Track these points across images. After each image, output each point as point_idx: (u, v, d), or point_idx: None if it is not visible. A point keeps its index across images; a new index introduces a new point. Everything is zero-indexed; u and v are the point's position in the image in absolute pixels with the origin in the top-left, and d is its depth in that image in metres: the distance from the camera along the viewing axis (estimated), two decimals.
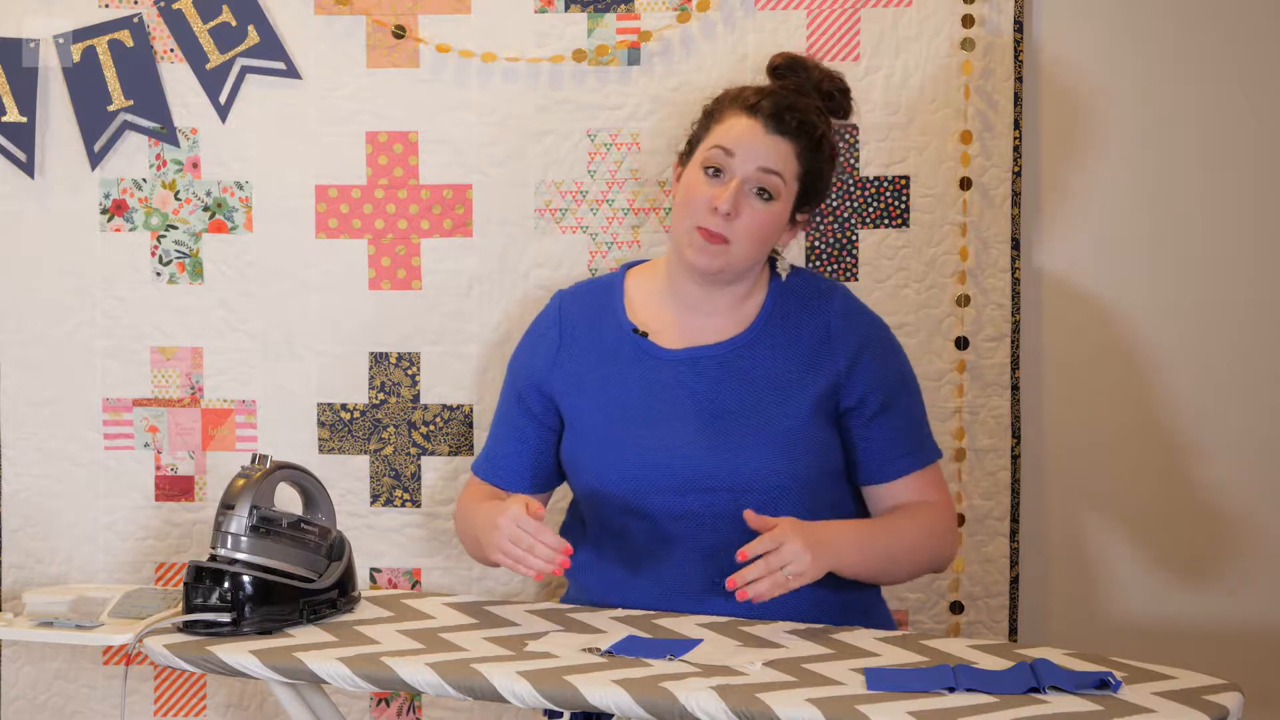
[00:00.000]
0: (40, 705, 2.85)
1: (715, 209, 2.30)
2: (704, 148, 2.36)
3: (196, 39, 2.74)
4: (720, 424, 2.34)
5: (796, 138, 2.33)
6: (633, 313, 2.46)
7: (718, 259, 2.33)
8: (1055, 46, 2.74)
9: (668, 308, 2.44)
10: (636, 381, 2.39)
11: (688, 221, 2.34)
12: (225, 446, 2.82)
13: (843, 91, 2.42)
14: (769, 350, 2.38)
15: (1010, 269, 2.75)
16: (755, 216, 2.32)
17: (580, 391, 2.43)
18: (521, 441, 2.50)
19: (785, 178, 2.33)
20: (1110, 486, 2.80)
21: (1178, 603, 2.80)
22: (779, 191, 2.33)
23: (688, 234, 2.34)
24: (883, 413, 2.37)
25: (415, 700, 2.84)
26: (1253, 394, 2.77)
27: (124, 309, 2.81)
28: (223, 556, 2.25)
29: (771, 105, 2.33)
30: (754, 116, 2.33)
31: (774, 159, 2.32)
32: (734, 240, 2.32)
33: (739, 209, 2.31)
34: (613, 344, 2.44)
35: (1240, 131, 2.74)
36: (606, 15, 2.74)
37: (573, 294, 2.54)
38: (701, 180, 2.34)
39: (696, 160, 2.36)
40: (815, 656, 2.09)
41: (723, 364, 2.38)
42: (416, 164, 2.77)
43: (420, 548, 2.82)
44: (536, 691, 1.98)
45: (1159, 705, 1.87)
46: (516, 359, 2.54)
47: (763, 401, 2.35)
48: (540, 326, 2.53)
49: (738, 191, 2.31)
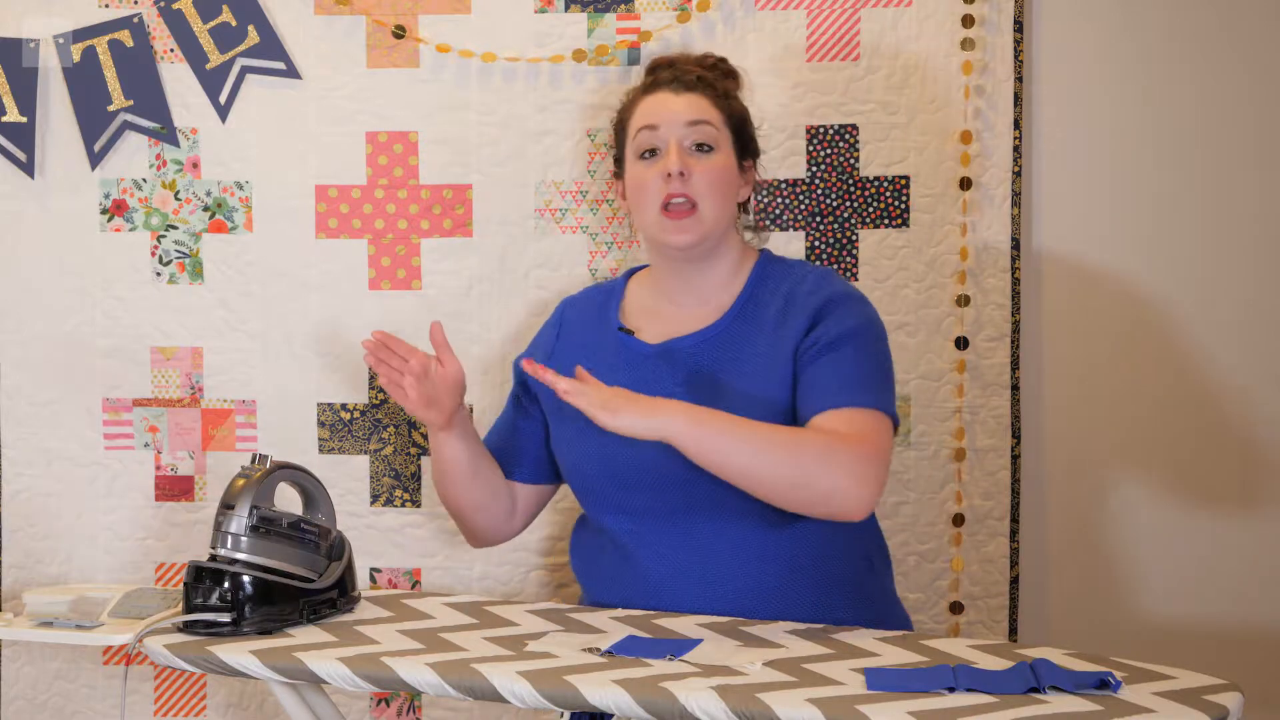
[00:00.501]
0: (40, 705, 2.85)
1: (668, 176, 2.33)
2: (629, 144, 2.40)
3: (196, 39, 2.74)
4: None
5: (704, 90, 2.39)
6: (627, 314, 2.48)
7: (695, 228, 2.34)
8: (1055, 46, 2.74)
9: (656, 306, 2.46)
10: (620, 379, 2.39)
11: (651, 210, 2.36)
12: (225, 446, 2.82)
13: (721, 61, 2.48)
14: (740, 334, 2.37)
15: (1010, 269, 2.75)
16: (707, 168, 2.35)
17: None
18: (516, 432, 2.53)
19: (714, 124, 2.37)
20: (1110, 486, 2.80)
21: (1178, 603, 2.80)
22: (715, 140, 2.36)
23: (656, 221, 2.36)
24: (822, 355, 2.28)
25: (415, 700, 2.84)
26: (1253, 394, 2.77)
27: (124, 309, 2.81)
28: (223, 556, 2.25)
29: (668, 74, 2.41)
30: (658, 90, 2.40)
31: (695, 111, 2.36)
32: (698, 198, 2.33)
33: (688, 166, 2.33)
34: (601, 344, 2.46)
35: (1241, 131, 2.74)
36: (606, 15, 2.74)
37: (575, 300, 2.57)
38: (641, 168, 2.37)
39: (630, 161, 2.40)
40: (815, 656, 2.09)
41: (697, 353, 2.37)
42: (416, 164, 2.77)
43: (420, 548, 2.82)
44: (536, 691, 1.98)
45: (1159, 705, 1.87)
46: (517, 361, 2.55)
47: (736, 385, 2.33)
48: (542, 332, 2.58)
49: (680, 150, 2.34)
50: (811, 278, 2.40)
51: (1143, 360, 2.78)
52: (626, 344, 2.44)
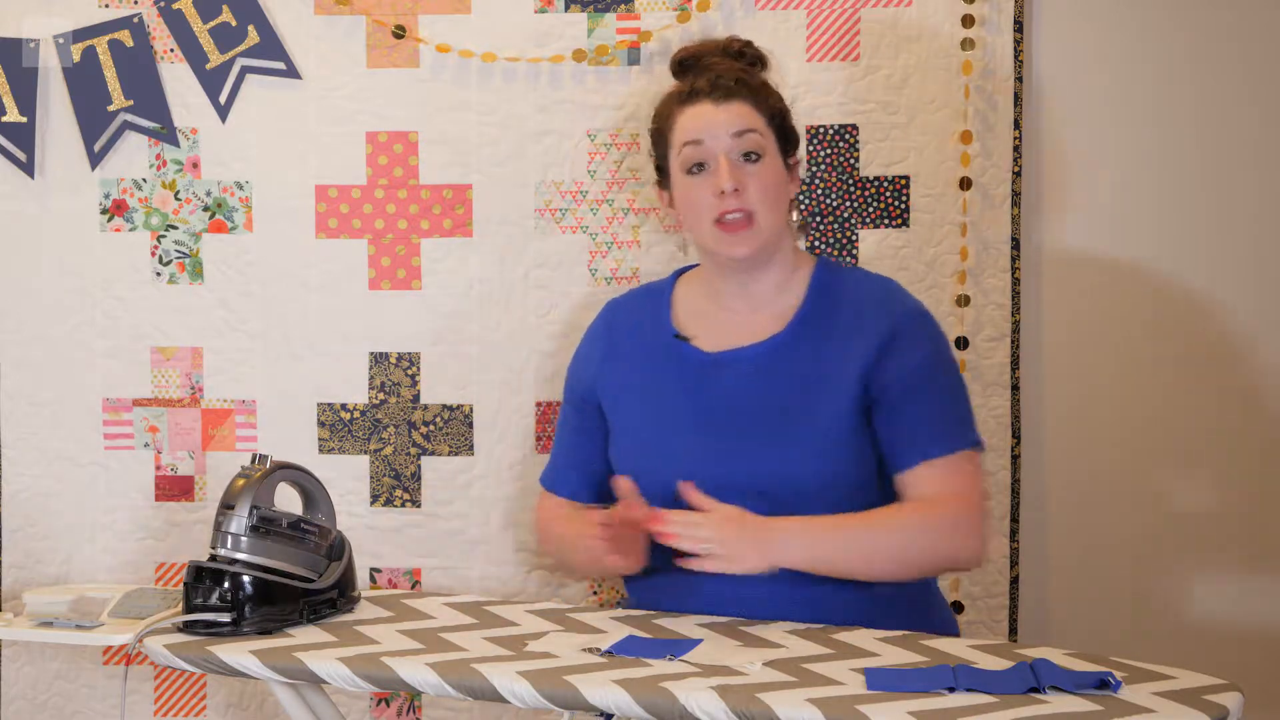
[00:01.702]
0: (40, 705, 2.85)
1: (721, 193, 2.31)
2: (674, 159, 2.37)
3: (196, 39, 2.74)
4: (759, 425, 2.33)
5: (743, 95, 2.35)
6: (677, 318, 2.46)
7: (753, 239, 2.33)
8: (1055, 46, 2.74)
9: (710, 310, 2.44)
10: (676, 386, 2.39)
11: (705, 224, 2.34)
12: (225, 446, 2.82)
13: (746, 44, 2.45)
14: (806, 348, 2.36)
15: (1010, 269, 2.75)
16: (758, 178, 2.33)
17: (624, 398, 2.44)
18: (580, 452, 2.51)
19: (759, 130, 2.35)
20: (1110, 486, 2.80)
21: (1178, 603, 2.80)
22: (762, 147, 2.34)
23: (712, 235, 2.34)
24: (906, 398, 2.30)
25: (415, 700, 2.84)
26: (1252, 394, 2.77)
27: (124, 309, 2.81)
28: (223, 556, 2.25)
29: (705, 82, 2.36)
30: (697, 101, 2.36)
31: (740, 121, 2.34)
32: (754, 209, 2.32)
33: (741, 180, 2.31)
34: (656, 349, 2.44)
35: (1242, 130, 2.74)
36: (606, 15, 2.74)
37: (622, 302, 2.55)
38: (692, 184, 2.35)
39: (677, 171, 2.37)
40: (815, 656, 2.09)
41: (760, 364, 2.36)
42: (416, 164, 2.77)
43: (420, 548, 2.82)
44: (536, 691, 1.98)
45: (1159, 705, 1.87)
46: (571, 371, 2.55)
47: (799, 401, 2.32)
48: (591, 336, 2.55)
49: (729, 165, 2.32)
50: (876, 291, 2.39)
51: (1143, 360, 2.78)
52: (682, 351, 2.42)
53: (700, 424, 2.36)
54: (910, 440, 2.30)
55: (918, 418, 2.30)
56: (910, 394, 2.30)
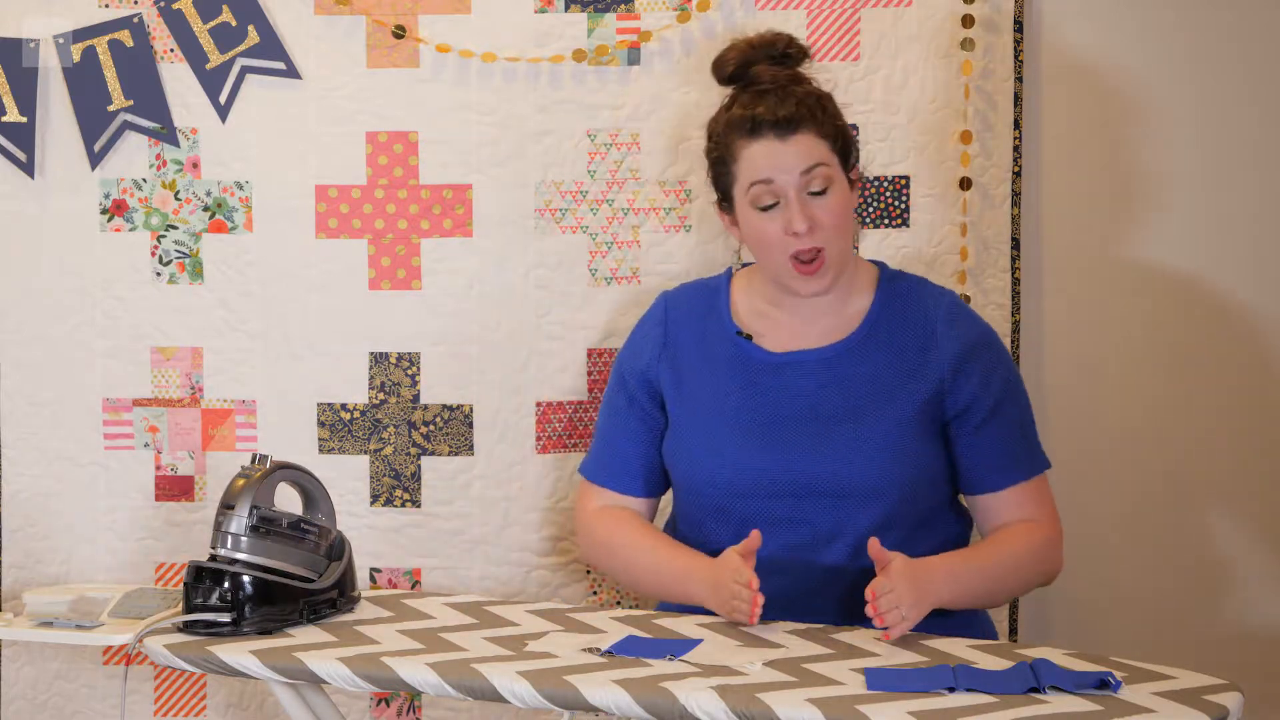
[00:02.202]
0: (40, 705, 2.85)
1: (795, 234, 2.30)
2: (740, 193, 2.35)
3: (196, 39, 2.74)
4: (821, 428, 2.34)
5: (806, 122, 2.32)
6: (737, 315, 2.46)
7: (824, 277, 2.34)
8: (1055, 46, 2.74)
9: (771, 311, 2.44)
10: (738, 383, 2.39)
11: (777, 259, 2.34)
12: (225, 446, 2.82)
13: (789, 43, 2.41)
14: (872, 355, 2.37)
15: (1010, 269, 2.75)
16: (829, 212, 2.32)
17: (683, 391, 2.44)
18: (634, 442, 2.50)
19: (825, 160, 2.33)
20: (1110, 487, 2.80)
21: (1178, 603, 2.80)
22: (830, 178, 2.33)
23: (785, 271, 2.34)
24: (988, 421, 2.35)
25: (415, 700, 2.84)
26: (1252, 394, 2.77)
27: (124, 309, 2.81)
28: (223, 556, 2.25)
29: (769, 114, 2.32)
30: (761, 136, 2.32)
31: (806, 157, 2.32)
32: (826, 245, 2.32)
33: (812, 216, 2.30)
34: (716, 346, 2.44)
35: (1243, 130, 2.74)
36: (606, 15, 2.74)
37: (677, 295, 2.54)
38: (762, 220, 2.33)
39: (743, 204, 2.36)
40: (815, 656, 2.09)
41: (826, 367, 2.37)
42: (416, 164, 2.77)
43: (420, 548, 2.82)
44: (536, 691, 1.98)
45: (1159, 705, 1.87)
46: (624, 362, 2.54)
47: (865, 406, 2.34)
48: (645, 327, 2.54)
49: (800, 205, 2.30)
50: (944, 308, 2.40)
51: (1142, 359, 2.78)
52: (745, 349, 2.42)
53: (761, 423, 2.37)
54: (997, 464, 2.37)
55: (1003, 441, 2.37)
56: (994, 417, 2.36)
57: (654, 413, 2.49)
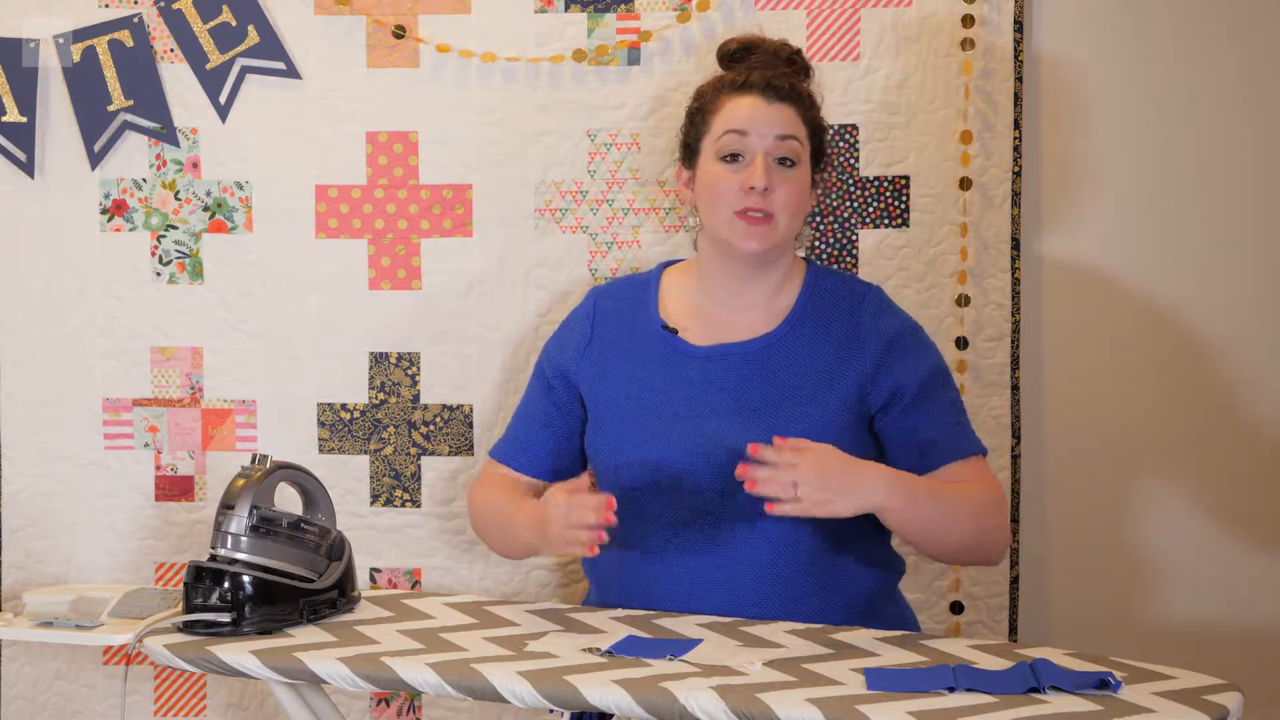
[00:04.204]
0: (40, 705, 2.85)
1: (751, 189, 2.32)
2: (711, 140, 2.37)
3: (196, 39, 2.74)
4: (744, 421, 2.34)
5: (795, 101, 2.37)
6: (665, 310, 2.47)
7: (768, 237, 2.34)
8: (1055, 46, 2.74)
9: (699, 305, 2.45)
10: (663, 377, 2.40)
11: (724, 212, 2.35)
12: (225, 446, 2.82)
13: (797, 52, 2.47)
14: (798, 349, 2.37)
15: (1010, 269, 2.75)
16: (788, 186, 2.34)
17: (606, 383, 2.44)
18: (546, 428, 2.51)
19: (800, 140, 2.36)
20: (1110, 486, 2.80)
21: (1178, 603, 2.80)
22: (799, 155, 2.36)
23: (728, 224, 2.35)
24: (917, 403, 2.35)
25: (415, 700, 2.84)
26: (1253, 394, 2.77)
27: (124, 309, 2.81)
28: (223, 556, 2.25)
29: (761, 78, 2.37)
30: (751, 93, 2.37)
31: (785, 125, 2.35)
32: (776, 213, 2.34)
33: (773, 182, 2.33)
34: (642, 340, 2.45)
35: (1241, 130, 2.74)
36: (606, 15, 2.74)
37: (607, 291, 2.55)
38: (723, 170, 2.35)
39: (709, 154, 2.37)
40: (815, 656, 2.09)
41: (750, 361, 2.38)
42: (416, 164, 2.77)
43: (420, 548, 2.82)
44: (536, 691, 1.98)
45: (1159, 705, 1.87)
46: (546, 351, 2.55)
47: (788, 400, 2.34)
48: (572, 321, 2.55)
49: (766, 165, 2.33)
50: (870, 302, 2.41)
51: (1143, 360, 2.78)
52: (671, 343, 2.43)
53: (685, 415, 2.36)
54: (930, 442, 2.34)
55: (935, 420, 2.35)
56: (922, 398, 2.35)
57: (569, 403, 2.49)
